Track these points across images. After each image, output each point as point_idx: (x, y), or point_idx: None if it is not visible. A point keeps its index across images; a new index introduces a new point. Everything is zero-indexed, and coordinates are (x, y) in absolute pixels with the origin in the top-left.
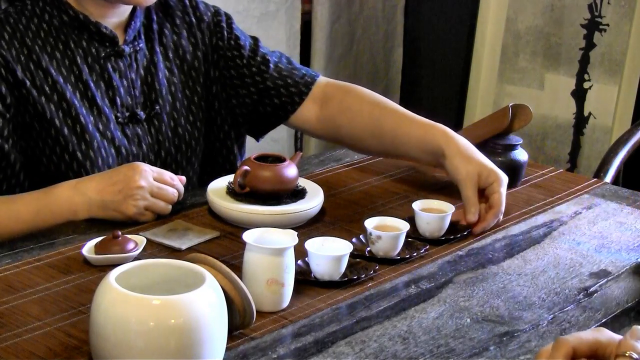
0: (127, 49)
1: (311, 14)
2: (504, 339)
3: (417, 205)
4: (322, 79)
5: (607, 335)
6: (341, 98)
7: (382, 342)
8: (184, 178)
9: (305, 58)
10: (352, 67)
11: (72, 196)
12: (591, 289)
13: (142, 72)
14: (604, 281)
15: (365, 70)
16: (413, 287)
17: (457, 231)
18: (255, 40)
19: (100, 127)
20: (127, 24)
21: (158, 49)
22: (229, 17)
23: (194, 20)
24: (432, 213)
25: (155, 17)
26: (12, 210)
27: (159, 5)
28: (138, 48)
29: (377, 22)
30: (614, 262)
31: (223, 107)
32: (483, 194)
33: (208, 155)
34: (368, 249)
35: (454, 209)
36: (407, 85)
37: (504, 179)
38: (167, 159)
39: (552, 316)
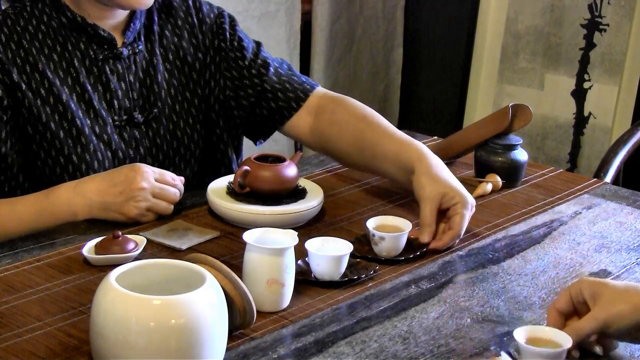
0: (125, 52)
1: (311, 14)
2: (505, 339)
3: (371, 223)
4: (319, 90)
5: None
6: (332, 110)
7: (382, 342)
8: (183, 179)
9: (305, 58)
10: (352, 67)
11: (71, 197)
12: None
13: (141, 74)
14: None
15: (365, 70)
16: (413, 287)
17: (413, 249)
18: (258, 44)
19: (97, 130)
20: (126, 26)
21: (158, 51)
22: (232, 19)
23: (196, 22)
24: (388, 232)
25: (156, 19)
26: (14, 212)
27: (162, 6)
28: (137, 50)
29: (377, 22)
30: (614, 262)
31: (221, 108)
32: (445, 215)
33: (206, 157)
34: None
35: (410, 227)
36: (407, 85)
37: (470, 201)
38: (164, 162)
39: None
